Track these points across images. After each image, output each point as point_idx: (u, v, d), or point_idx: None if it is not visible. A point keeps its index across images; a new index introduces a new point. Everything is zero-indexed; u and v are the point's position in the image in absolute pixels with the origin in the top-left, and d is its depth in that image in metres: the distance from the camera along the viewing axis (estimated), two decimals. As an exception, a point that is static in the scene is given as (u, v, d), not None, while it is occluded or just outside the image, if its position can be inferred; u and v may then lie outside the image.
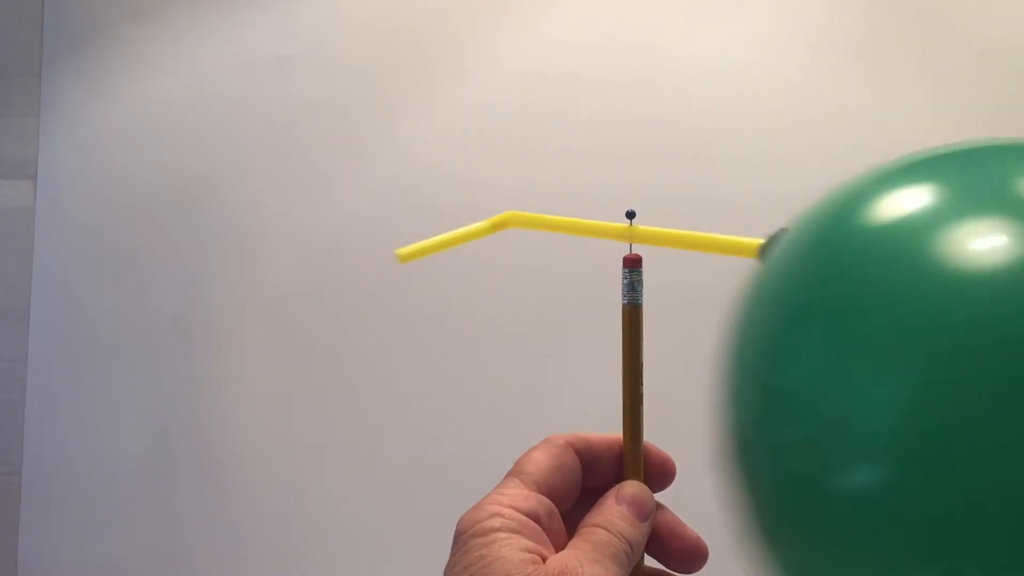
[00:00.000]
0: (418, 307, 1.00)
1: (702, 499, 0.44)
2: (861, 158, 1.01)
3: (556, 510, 0.41)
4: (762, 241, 0.38)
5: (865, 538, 0.25)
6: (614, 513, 0.40)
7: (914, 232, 0.27)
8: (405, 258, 0.44)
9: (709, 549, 0.43)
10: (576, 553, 0.37)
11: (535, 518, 0.39)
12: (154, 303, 1.05)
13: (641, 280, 0.42)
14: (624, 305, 0.42)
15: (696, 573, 0.43)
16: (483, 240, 0.46)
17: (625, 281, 0.42)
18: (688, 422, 0.95)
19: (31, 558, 1.05)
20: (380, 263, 1.01)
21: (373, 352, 1.01)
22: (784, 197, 0.97)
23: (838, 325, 0.27)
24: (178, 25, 1.05)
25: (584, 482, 0.43)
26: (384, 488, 1.00)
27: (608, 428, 0.44)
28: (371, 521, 1.00)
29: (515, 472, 0.41)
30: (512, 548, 0.36)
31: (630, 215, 0.43)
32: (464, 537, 0.38)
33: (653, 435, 0.44)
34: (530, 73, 1.01)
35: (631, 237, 0.42)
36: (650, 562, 0.44)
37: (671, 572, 0.44)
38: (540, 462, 0.41)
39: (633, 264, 0.42)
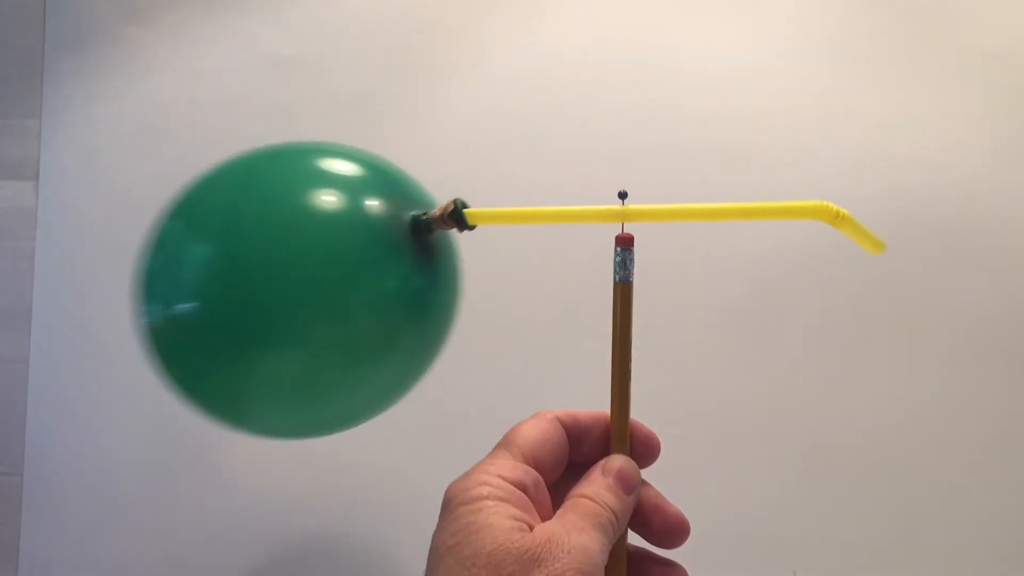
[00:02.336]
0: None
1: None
2: (861, 157, 1.01)
3: (543, 481, 0.41)
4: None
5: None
6: (601, 485, 0.40)
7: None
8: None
9: (691, 526, 0.44)
10: (563, 522, 0.38)
11: (522, 488, 0.39)
12: (155, 303, 1.05)
13: (632, 259, 0.43)
14: (616, 283, 0.43)
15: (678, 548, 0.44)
16: (474, 233, 0.48)
17: (617, 260, 0.43)
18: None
19: (33, 558, 1.05)
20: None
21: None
22: (783, 195, 0.97)
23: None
24: (179, 26, 1.06)
25: (571, 456, 0.44)
26: (385, 486, 1.00)
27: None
28: (372, 520, 1.00)
29: (503, 444, 0.42)
30: (500, 516, 0.37)
31: (622, 195, 0.43)
32: (452, 504, 0.38)
33: (638, 412, 0.44)
34: (531, 72, 1.01)
35: (624, 217, 0.43)
36: (634, 539, 0.44)
37: (653, 549, 0.44)
38: (528, 435, 0.42)
39: (625, 243, 0.43)
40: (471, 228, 0.49)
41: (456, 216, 0.48)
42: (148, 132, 1.06)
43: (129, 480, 1.04)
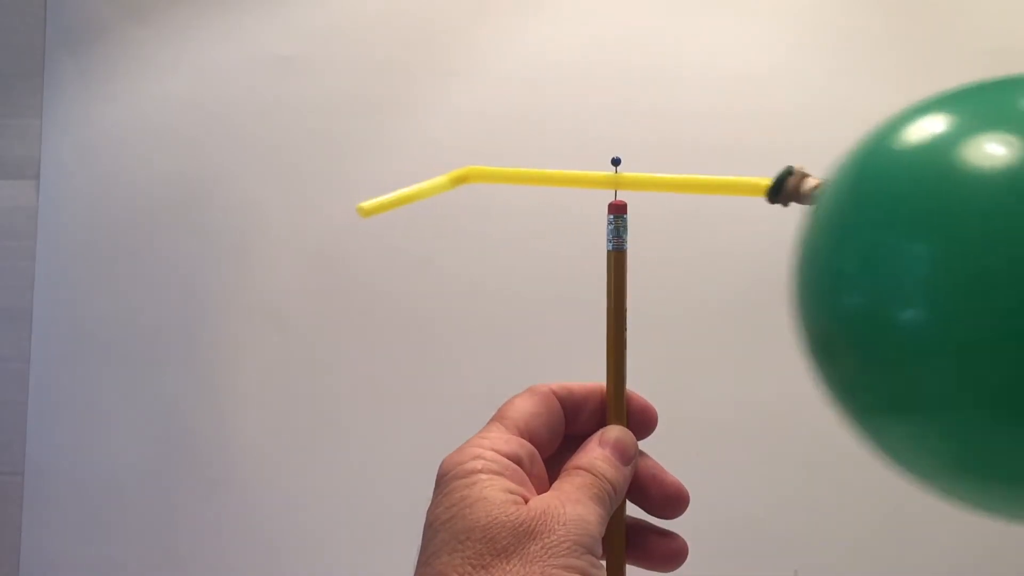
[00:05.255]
0: (419, 306, 1.01)
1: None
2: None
3: (538, 455, 0.40)
4: (767, 181, 0.41)
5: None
6: (597, 456, 0.40)
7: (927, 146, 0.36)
8: (367, 212, 0.45)
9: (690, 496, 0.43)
10: (558, 494, 0.37)
11: (517, 461, 0.39)
12: (156, 303, 1.05)
13: (626, 226, 0.42)
14: (609, 251, 0.43)
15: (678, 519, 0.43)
16: (485, 239, 0.46)
17: (610, 227, 0.42)
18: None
19: (33, 558, 1.05)
20: (381, 263, 1.02)
21: (374, 352, 1.01)
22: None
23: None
24: (179, 26, 1.06)
25: (567, 430, 0.43)
26: (386, 487, 1.00)
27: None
28: (372, 520, 1.00)
29: (497, 417, 0.41)
30: (494, 489, 0.36)
31: (615, 162, 0.43)
32: (446, 479, 0.37)
33: (634, 382, 0.44)
34: (531, 72, 1.01)
35: (617, 184, 0.43)
36: (633, 511, 0.44)
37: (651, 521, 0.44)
38: (522, 408, 0.41)
39: (618, 210, 0.42)
40: (782, 200, 0.45)
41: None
42: (148, 131, 1.06)
43: (129, 480, 1.04)
